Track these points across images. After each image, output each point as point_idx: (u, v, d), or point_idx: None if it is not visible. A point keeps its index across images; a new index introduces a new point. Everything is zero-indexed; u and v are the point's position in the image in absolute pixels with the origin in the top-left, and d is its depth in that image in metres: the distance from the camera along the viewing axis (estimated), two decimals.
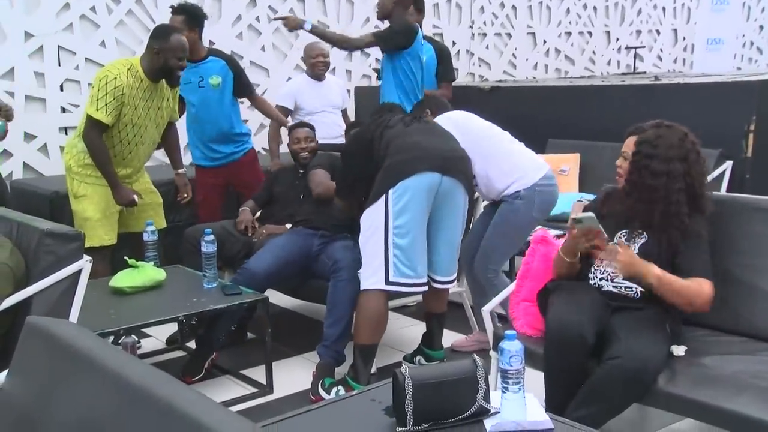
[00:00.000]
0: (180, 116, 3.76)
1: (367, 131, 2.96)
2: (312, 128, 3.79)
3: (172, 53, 3.21)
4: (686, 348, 2.17)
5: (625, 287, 2.26)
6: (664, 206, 2.20)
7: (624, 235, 2.32)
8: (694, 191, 2.23)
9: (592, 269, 2.33)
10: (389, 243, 2.70)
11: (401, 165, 2.71)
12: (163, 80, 3.34)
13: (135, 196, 3.32)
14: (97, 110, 3.13)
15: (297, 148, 3.67)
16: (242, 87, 4.01)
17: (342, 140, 4.18)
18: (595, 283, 2.31)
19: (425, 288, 2.84)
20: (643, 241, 2.28)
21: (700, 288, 2.16)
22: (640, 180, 2.24)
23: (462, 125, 3.09)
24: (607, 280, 2.29)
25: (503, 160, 3.07)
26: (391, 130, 2.84)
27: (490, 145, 3.09)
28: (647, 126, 2.33)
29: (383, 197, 2.71)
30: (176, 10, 3.77)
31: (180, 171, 3.66)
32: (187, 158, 4.33)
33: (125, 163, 3.35)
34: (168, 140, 3.61)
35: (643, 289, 2.22)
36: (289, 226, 3.46)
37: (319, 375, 2.88)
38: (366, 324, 2.77)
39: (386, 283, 2.73)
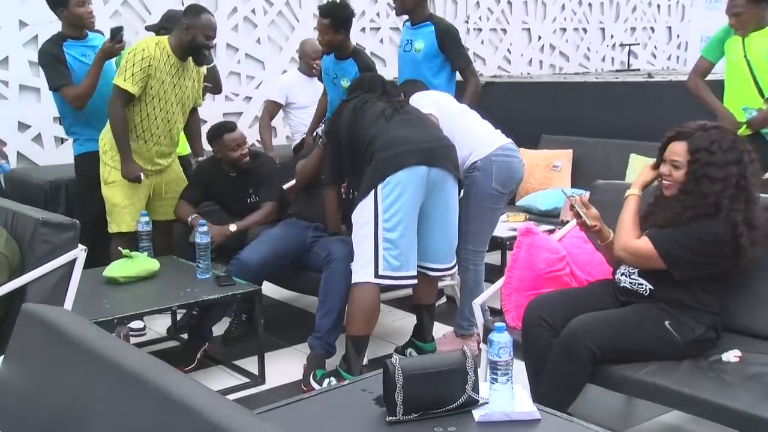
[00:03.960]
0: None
1: (349, 126, 2.92)
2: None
3: (201, 30, 3.28)
4: (738, 353, 2.13)
5: (638, 284, 2.27)
6: (706, 208, 2.14)
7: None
8: (748, 195, 2.14)
9: (618, 266, 2.38)
10: (379, 237, 2.74)
11: (388, 160, 2.75)
12: (191, 61, 3.39)
13: (141, 174, 3.37)
14: (125, 80, 3.23)
15: (238, 155, 3.47)
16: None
17: None
18: (617, 279, 2.35)
19: (415, 281, 2.87)
20: None
21: (632, 234, 2.22)
22: (698, 188, 2.16)
23: (439, 104, 3.19)
24: (625, 276, 2.32)
25: (465, 134, 3.13)
26: (374, 127, 2.85)
27: (456, 123, 3.16)
28: (692, 129, 2.21)
29: (372, 192, 2.74)
30: (322, 13, 3.70)
31: (201, 159, 3.71)
32: None
33: (153, 140, 3.41)
34: (191, 127, 3.66)
35: (652, 287, 2.25)
36: (233, 227, 3.41)
37: (311, 366, 2.90)
38: (358, 315, 2.80)
39: (376, 277, 2.75)
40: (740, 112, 3.47)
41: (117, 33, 3.36)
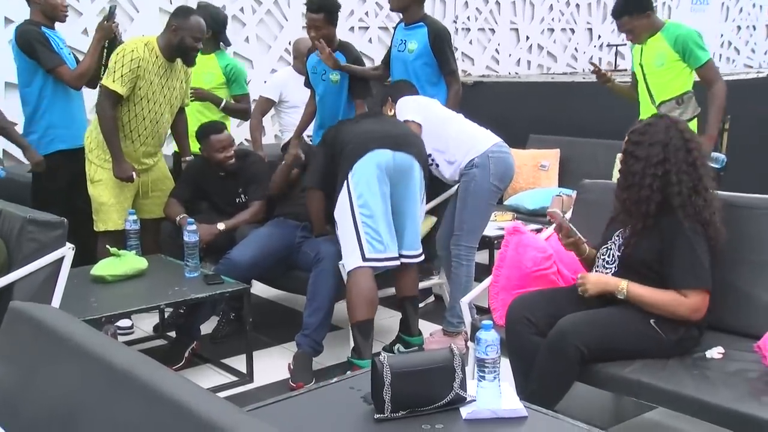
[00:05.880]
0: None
1: (331, 140, 3.10)
2: (225, 129, 3.58)
3: (189, 32, 3.30)
4: (722, 350, 2.17)
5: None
6: (636, 190, 2.20)
7: (620, 234, 2.33)
8: (670, 180, 2.17)
9: (594, 268, 2.39)
10: (358, 222, 2.85)
11: (354, 149, 2.90)
12: (179, 62, 3.41)
13: (133, 173, 3.37)
14: (114, 81, 3.24)
15: (223, 157, 3.46)
16: (356, 88, 3.71)
17: None
18: None
19: (398, 262, 2.96)
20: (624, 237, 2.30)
21: (677, 299, 2.16)
22: (625, 167, 2.25)
23: (425, 108, 3.30)
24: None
25: (458, 137, 3.23)
26: (346, 130, 3.02)
27: (448, 127, 3.26)
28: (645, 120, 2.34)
29: (345, 184, 2.88)
30: (314, 9, 3.63)
31: (187, 158, 3.71)
32: None
33: (141, 140, 3.42)
34: (178, 127, 3.67)
35: None
36: (222, 226, 3.42)
37: (297, 364, 2.91)
38: (358, 301, 2.85)
39: (363, 260, 2.84)
40: (651, 110, 3.48)
41: (112, 12, 3.48)
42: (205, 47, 3.88)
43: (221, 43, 4.14)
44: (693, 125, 3.46)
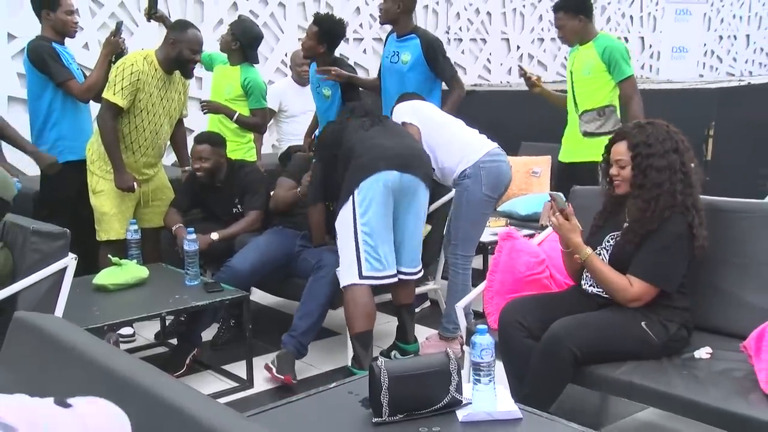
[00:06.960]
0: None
1: (331, 139, 3.09)
2: (214, 143, 3.55)
3: (187, 44, 3.36)
4: (709, 350, 2.22)
5: (605, 291, 2.34)
6: (667, 197, 2.24)
7: (613, 238, 2.37)
8: (690, 180, 2.27)
9: (584, 275, 2.44)
10: (359, 239, 2.86)
11: (363, 165, 2.88)
12: (177, 73, 3.46)
13: (134, 184, 3.42)
14: (114, 94, 3.29)
15: (193, 166, 3.54)
16: (349, 100, 3.73)
17: None
18: (584, 288, 2.42)
19: (395, 279, 2.98)
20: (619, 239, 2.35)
21: (624, 285, 2.24)
22: (647, 180, 2.26)
23: (420, 112, 3.31)
24: (593, 286, 2.39)
25: (451, 143, 3.24)
26: (353, 137, 2.99)
27: (443, 131, 3.28)
28: (630, 128, 2.36)
29: (350, 198, 2.87)
30: (313, 20, 3.73)
31: (186, 168, 3.74)
32: None
33: (141, 151, 3.46)
34: (177, 137, 3.72)
35: None
36: (215, 236, 3.42)
37: (281, 362, 2.95)
38: (356, 315, 2.89)
39: (360, 278, 2.86)
40: (575, 118, 3.56)
41: (119, 28, 3.59)
42: (232, 59, 3.97)
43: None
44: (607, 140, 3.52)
